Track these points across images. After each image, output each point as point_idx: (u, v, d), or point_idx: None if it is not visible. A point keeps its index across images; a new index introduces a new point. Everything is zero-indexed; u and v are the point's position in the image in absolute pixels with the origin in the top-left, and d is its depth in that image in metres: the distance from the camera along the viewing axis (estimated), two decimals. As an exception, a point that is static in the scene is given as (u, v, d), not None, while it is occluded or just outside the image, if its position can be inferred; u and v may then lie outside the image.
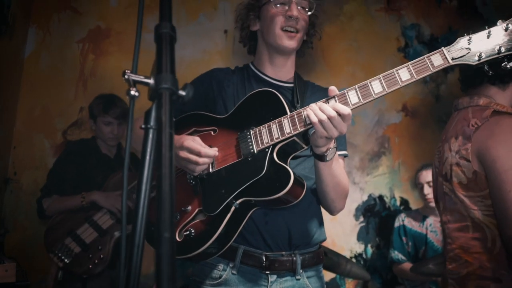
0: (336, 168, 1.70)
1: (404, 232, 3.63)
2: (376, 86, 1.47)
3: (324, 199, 1.79)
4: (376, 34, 4.23)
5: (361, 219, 4.03)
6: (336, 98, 1.50)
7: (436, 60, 1.42)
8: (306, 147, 1.68)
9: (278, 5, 1.83)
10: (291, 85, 1.92)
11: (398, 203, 4.11)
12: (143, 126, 0.75)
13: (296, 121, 1.56)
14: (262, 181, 1.57)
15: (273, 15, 1.83)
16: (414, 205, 4.06)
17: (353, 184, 4.03)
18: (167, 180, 0.57)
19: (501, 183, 1.75)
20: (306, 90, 1.92)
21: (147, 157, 0.74)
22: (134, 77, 0.77)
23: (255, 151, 1.61)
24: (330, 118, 1.44)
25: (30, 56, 3.60)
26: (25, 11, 3.59)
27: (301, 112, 1.55)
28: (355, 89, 1.49)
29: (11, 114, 3.48)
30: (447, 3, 4.39)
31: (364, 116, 4.12)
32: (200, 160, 1.58)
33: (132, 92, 0.74)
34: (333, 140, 1.60)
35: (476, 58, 1.39)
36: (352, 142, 4.04)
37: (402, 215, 3.72)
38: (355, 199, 4.03)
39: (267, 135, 1.60)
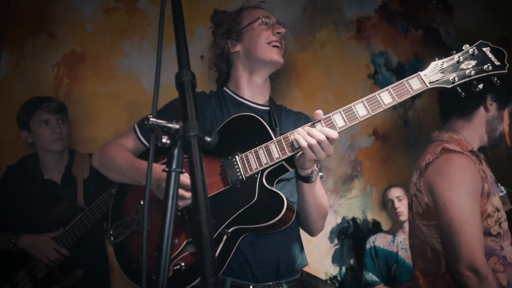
0: (318, 189, 1.75)
1: (375, 253, 3.73)
2: (361, 109, 1.54)
3: (306, 220, 1.82)
4: (347, 61, 4.38)
5: (336, 241, 4.10)
6: (323, 122, 1.55)
7: (415, 84, 1.51)
8: (291, 170, 1.70)
9: (263, 25, 1.91)
10: (267, 108, 1.95)
11: (370, 225, 4.21)
12: (166, 169, 0.78)
13: (284, 145, 1.58)
14: (254, 208, 1.57)
15: (261, 32, 1.89)
16: (385, 226, 4.16)
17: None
18: (206, 225, 0.60)
19: (451, 218, 1.85)
20: (281, 114, 1.96)
21: (170, 200, 0.77)
22: (159, 122, 0.79)
23: (244, 177, 1.60)
24: (319, 142, 1.50)
25: (3, 81, 3.53)
26: (-1, 35, 3.54)
27: (288, 137, 1.59)
28: (340, 112, 1.56)
29: (-18, 139, 3.38)
30: (413, 32, 4.60)
31: (337, 141, 4.22)
32: (187, 194, 1.55)
33: (164, 140, 0.76)
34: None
35: (451, 81, 1.50)
36: (326, 165, 4.13)
37: (373, 237, 3.83)
38: (330, 221, 4.10)
39: (255, 161, 1.60)
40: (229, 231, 1.60)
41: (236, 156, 1.65)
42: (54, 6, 3.72)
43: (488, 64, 1.49)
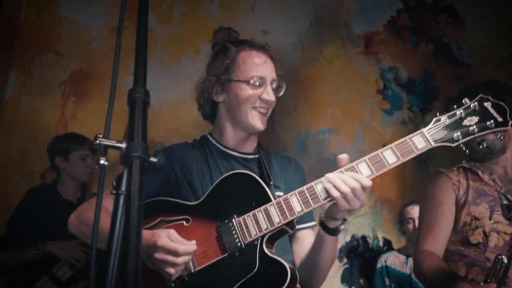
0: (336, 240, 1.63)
1: (387, 273, 3.60)
2: (364, 169, 1.47)
3: (317, 275, 1.71)
4: (355, 77, 4.32)
5: (345, 260, 3.99)
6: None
7: (419, 142, 1.46)
8: (291, 231, 1.59)
9: (253, 86, 1.72)
10: (256, 156, 1.84)
11: (381, 243, 4.10)
12: (113, 192, 0.74)
13: (285, 209, 1.48)
14: (255, 279, 1.45)
15: (247, 95, 1.72)
16: (397, 245, 4.04)
17: (336, 225, 4.01)
18: (133, 257, 0.56)
19: (420, 223, 2.25)
20: (271, 161, 1.85)
21: (117, 223, 0.72)
22: (106, 142, 0.76)
23: (243, 244, 1.49)
24: (353, 190, 1.38)
25: (10, 99, 3.58)
26: (6, 53, 3.59)
27: (288, 199, 1.49)
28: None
29: (-12, 156, 3.42)
30: (423, 47, 4.53)
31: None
32: (179, 260, 1.41)
33: (102, 162, 0.73)
34: None
35: (455, 140, 1.45)
36: (334, 182, 4.05)
37: (385, 255, 3.69)
38: (339, 240, 4.00)
39: (253, 226, 1.50)
40: None
41: (233, 220, 1.53)
42: (61, 25, 3.78)
43: (491, 121, 1.45)
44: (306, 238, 1.78)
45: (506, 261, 1.73)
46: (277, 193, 1.72)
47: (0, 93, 3.53)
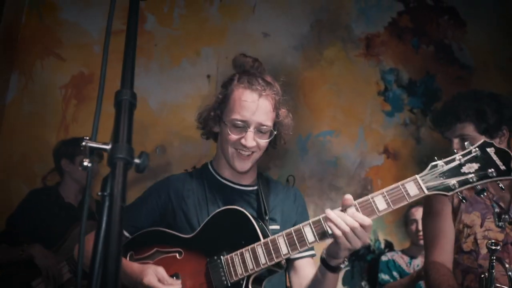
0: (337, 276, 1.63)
1: (393, 265, 3.57)
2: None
3: None
4: (356, 78, 4.32)
5: (346, 263, 3.97)
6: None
7: (411, 189, 1.41)
8: (280, 271, 1.60)
9: (235, 128, 1.68)
10: (255, 188, 1.82)
11: (382, 245, 4.08)
12: (99, 193, 0.74)
13: (272, 250, 1.48)
14: None
15: (228, 136, 1.68)
16: (398, 247, 4.02)
17: (337, 227, 4.00)
18: (114, 259, 0.56)
19: (424, 234, 2.26)
20: (269, 193, 1.84)
21: (103, 225, 0.72)
22: (92, 144, 0.76)
23: (229, 283, 1.51)
24: (353, 229, 1.37)
25: (12, 103, 3.60)
26: (8, 57, 3.61)
27: (275, 240, 1.49)
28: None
29: (-11, 160, 3.44)
30: (424, 48, 4.52)
31: (347, 159, 4.14)
32: None
33: (85, 163, 0.74)
34: None
35: (451, 189, 1.39)
36: (335, 184, 4.05)
37: (390, 253, 3.68)
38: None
39: (240, 266, 1.51)
40: None
41: (222, 257, 1.55)
42: (62, 29, 3.80)
43: (492, 169, 1.36)
44: (305, 269, 1.77)
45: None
46: (272, 227, 1.72)
47: (1, 96, 3.55)
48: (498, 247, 1.62)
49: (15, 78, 3.64)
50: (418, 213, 3.62)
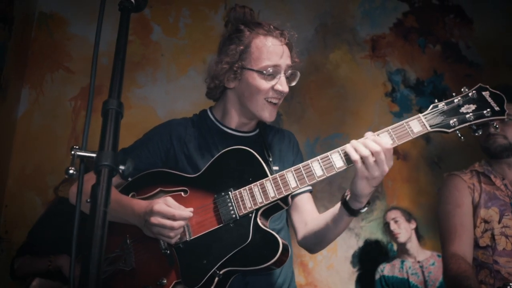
0: None
1: (385, 283, 3.58)
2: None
3: (322, 245, 1.72)
4: (362, 81, 4.31)
5: (359, 265, 3.96)
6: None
7: (415, 126, 1.48)
8: (286, 207, 1.60)
9: (267, 76, 1.66)
10: (255, 133, 1.84)
11: (395, 248, 4.05)
12: (88, 200, 0.77)
13: (281, 184, 1.50)
14: (247, 249, 1.48)
15: (260, 85, 1.66)
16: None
17: (348, 230, 3.98)
18: (96, 263, 0.58)
19: (442, 226, 2.23)
20: (269, 138, 1.86)
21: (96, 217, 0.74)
22: (80, 152, 0.79)
23: (238, 216, 1.52)
24: (374, 154, 1.37)
25: (23, 116, 3.69)
26: (19, 72, 3.70)
27: (284, 175, 1.51)
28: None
29: (3, 172, 3.52)
30: (431, 47, 4.50)
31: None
32: (176, 224, 1.45)
33: (70, 171, 0.76)
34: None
35: (451, 126, 1.47)
36: (345, 187, 4.03)
37: (381, 266, 3.67)
38: (351, 245, 3.98)
39: (249, 199, 1.52)
40: (221, 272, 1.50)
41: (230, 193, 1.56)
42: (70, 43, 3.89)
43: (488, 110, 1.46)
44: (305, 204, 1.79)
45: None
46: (274, 168, 1.74)
47: (13, 110, 3.63)
48: None
49: (26, 92, 3.73)
50: (388, 215, 3.82)
